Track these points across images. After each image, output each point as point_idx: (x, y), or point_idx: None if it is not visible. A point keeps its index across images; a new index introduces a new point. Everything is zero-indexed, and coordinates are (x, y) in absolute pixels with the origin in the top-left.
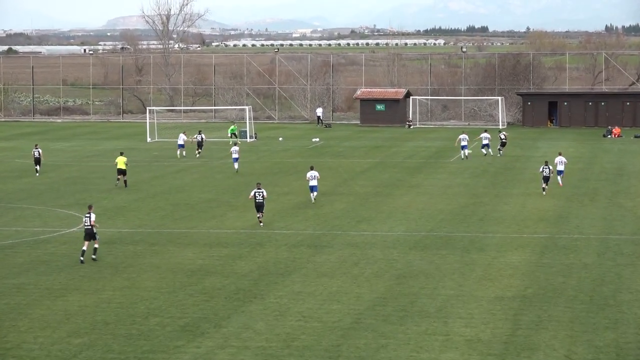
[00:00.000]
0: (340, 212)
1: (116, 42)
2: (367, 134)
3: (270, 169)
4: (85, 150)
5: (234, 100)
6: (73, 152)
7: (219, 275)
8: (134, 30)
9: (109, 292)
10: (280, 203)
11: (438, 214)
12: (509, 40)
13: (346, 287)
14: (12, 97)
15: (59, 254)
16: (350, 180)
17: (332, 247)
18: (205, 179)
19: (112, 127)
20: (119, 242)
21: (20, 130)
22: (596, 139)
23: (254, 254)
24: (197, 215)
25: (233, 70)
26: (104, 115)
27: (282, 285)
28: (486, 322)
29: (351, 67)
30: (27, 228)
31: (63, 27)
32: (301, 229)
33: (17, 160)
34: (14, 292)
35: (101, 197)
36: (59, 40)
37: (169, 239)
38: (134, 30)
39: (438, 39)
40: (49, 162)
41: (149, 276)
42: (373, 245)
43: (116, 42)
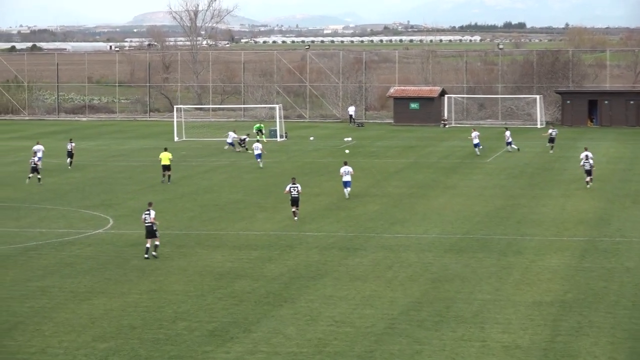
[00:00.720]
0: (373, 213)
1: (143, 39)
2: (400, 134)
3: (301, 169)
4: (111, 150)
5: (264, 99)
6: (98, 151)
7: (249, 278)
8: (161, 26)
9: (135, 295)
10: (312, 204)
11: (474, 216)
12: (547, 37)
13: (380, 291)
14: (37, 95)
15: (84, 256)
16: (383, 181)
17: (365, 250)
18: (234, 180)
19: (138, 126)
20: (145, 245)
21: (44, 129)
22: (638, 139)
23: (284, 257)
24: (226, 217)
25: (263, 68)
26: (130, 113)
27: (314, 289)
28: (524, 328)
29: (384, 65)
30: (51, 229)
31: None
32: (333, 231)
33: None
34: (38, 295)
35: (127, 198)
36: (84, 37)
37: (197, 241)
38: (161, 26)
39: (474, 35)
40: (74, 162)
41: (177, 279)
42: (407, 248)
43: (143, 39)
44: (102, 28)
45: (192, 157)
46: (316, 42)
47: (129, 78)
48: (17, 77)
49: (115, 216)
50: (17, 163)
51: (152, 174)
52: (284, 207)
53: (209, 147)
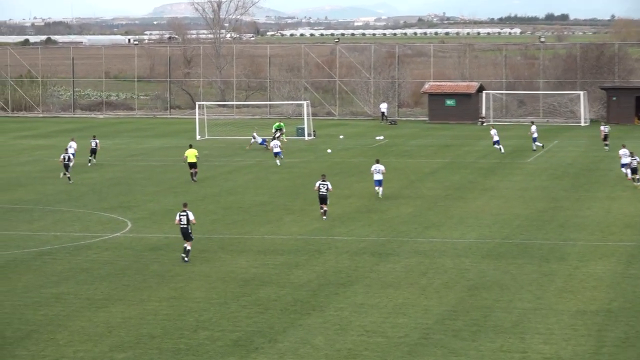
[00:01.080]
0: (406, 216)
1: (163, 32)
2: (435, 132)
3: (330, 170)
4: (130, 149)
5: (291, 95)
6: (116, 150)
7: (275, 285)
8: (182, 18)
9: (154, 302)
10: (341, 207)
11: (514, 220)
12: (591, 29)
13: (413, 299)
14: (51, 91)
15: (101, 261)
16: (417, 182)
17: (397, 255)
18: (260, 180)
19: (158, 123)
20: (165, 249)
21: (59, 127)
22: None
23: (312, 262)
24: (251, 220)
25: (290, 62)
26: (150, 110)
27: (343, 296)
28: (567, 338)
29: (418, 59)
30: (66, 233)
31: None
32: (364, 235)
33: (57, 159)
34: (53, 302)
35: (147, 199)
36: (102, 30)
37: (220, 245)
38: (182, 18)
39: (514, 27)
40: (96, 161)
41: (198, 286)
42: (443, 253)
43: (163, 32)
44: (120, 20)
45: (215, 156)
46: (346, 35)
47: (149, 73)
48: (31, 72)
49: (133, 219)
50: (30, 163)
51: (172, 174)
52: (312, 209)
53: (233, 146)
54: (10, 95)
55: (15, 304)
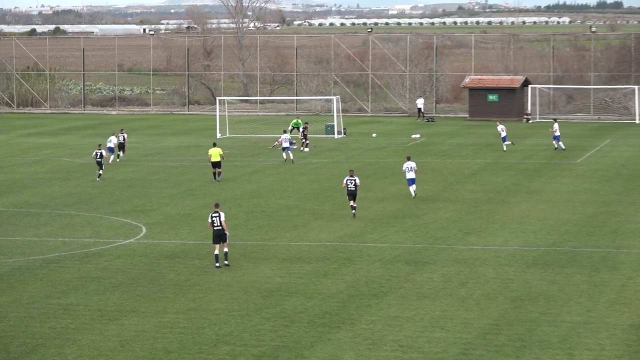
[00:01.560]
0: (444, 221)
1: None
2: (476, 130)
3: (361, 171)
4: (145, 148)
5: (319, 90)
6: (130, 149)
7: (301, 296)
8: (202, 6)
9: (171, 315)
10: (374, 211)
11: (562, 225)
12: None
13: (452, 311)
14: (60, 85)
15: (113, 270)
16: (456, 184)
17: (435, 264)
18: (285, 182)
19: (175, 120)
20: (183, 256)
21: (68, 124)
22: None
23: (342, 271)
24: (276, 225)
25: (318, 54)
26: (167, 106)
27: (376, 308)
28: (619, 355)
29: (458, 50)
30: (76, 239)
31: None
32: (398, 241)
33: (65, 159)
34: (61, 314)
35: (163, 203)
36: (115, 19)
37: (242, 252)
38: (202, 6)
39: (562, 16)
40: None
41: (218, 296)
42: (484, 262)
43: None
44: (134, 8)
45: (236, 156)
46: (380, 25)
47: (165, 66)
48: (38, 65)
49: (148, 224)
50: (37, 163)
51: (191, 175)
52: (342, 214)
53: (257, 145)
54: (15, 89)
55: (20, 315)
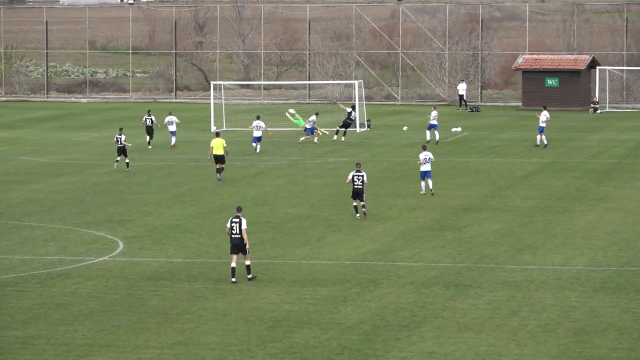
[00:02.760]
0: (492, 235)
1: None
2: (532, 122)
3: (389, 173)
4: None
5: (337, 72)
6: (104, 146)
7: (315, 326)
8: None
9: (154, 350)
10: (404, 222)
11: (637, 241)
12: None
13: (501, 345)
14: (17, 67)
15: (83, 295)
16: (507, 189)
17: (480, 287)
18: (295, 187)
19: (160, 109)
20: (169, 278)
21: (28, 115)
22: None
23: (365, 297)
24: (283, 239)
25: (336, 28)
26: (149, 92)
27: (407, 342)
28: None
29: (509, 24)
30: (37, 256)
31: None
32: (435, 260)
33: (24, 157)
34: (18, 349)
35: (144, 212)
36: None
37: (241, 273)
38: None
39: None
40: (68, 161)
41: (213, 327)
42: (540, 285)
43: None
44: None
45: (235, 154)
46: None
47: (148, 43)
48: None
49: (126, 237)
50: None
51: (179, 177)
52: (366, 225)
53: (262, 141)
54: None
55: None
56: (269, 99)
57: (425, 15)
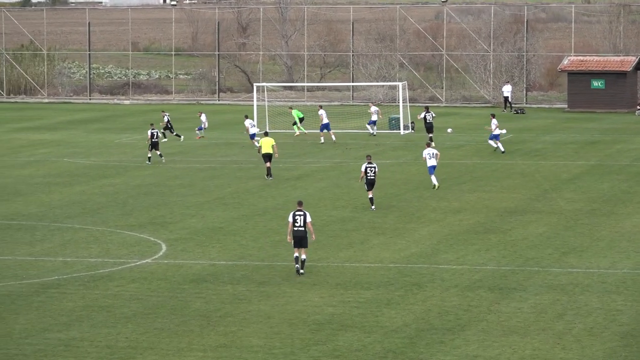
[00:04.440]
0: (537, 238)
1: None
2: (577, 124)
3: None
4: (164, 146)
5: (381, 74)
6: (146, 148)
7: (358, 330)
8: None
9: (197, 353)
10: (448, 225)
11: None
12: None
13: (546, 349)
14: (60, 69)
15: (126, 297)
16: (552, 191)
17: (525, 291)
18: (339, 189)
19: (202, 111)
20: (212, 281)
21: (70, 116)
22: None
23: (409, 300)
24: (327, 242)
25: (380, 30)
26: (192, 94)
27: (451, 346)
28: None
29: (555, 25)
30: (79, 258)
31: None
32: (479, 263)
33: (67, 159)
34: (61, 351)
35: (187, 214)
36: None
37: (284, 276)
38: None
39: None
40: (111, 163)
41: (256, 330)
42: (586, 289)
43: None
44: None
45: (279, 156)
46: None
47: (191, 44)
48: (34, 43)
49: (169, 240)
50: (32, 164)
51: (222, 180)
52: (408, 228)
53: (304, 143)
54: (5, 73)
55: (12, 353)
56: (312, 101)
57: (470, 17)
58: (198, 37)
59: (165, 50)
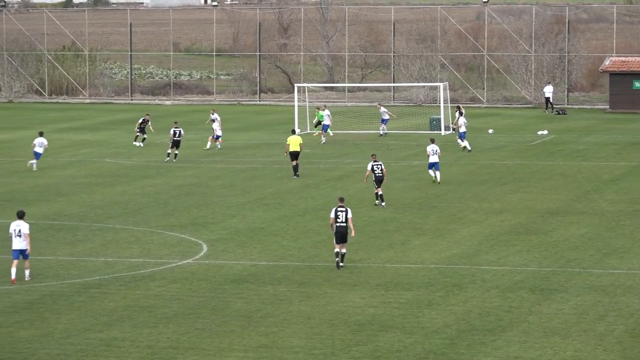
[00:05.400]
0: (578, 239)
1: None
2: (619, 124)
3: (474, 176)
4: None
5: (422, 75)
6: (187, 148)
7: (399, 330)
8: None
9: (238, 353)
10: (490, 226)
11: None
12: None
13: (587, 351)
14: (102, 69)
15: (167, 297)
16: (594, 192)
17: (566, 292)
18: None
19: (244, 112)
20: (252, 281)
21: (112, 117)
22: None
23: (450, 300)
24: (367, 243)
25: (421, 30)
26: (233, 94)
27: (492, 347)
28: None
29: (596, 26)
30: (121, 258)
31: None
32: (520, 264)
33: (108, 160)
34: (102, 351)
35: (228, 214)
36: None
37: (325, 276)
38: None
39: None
40: (152, 163)
41: (297, 331)
42: (628, 290)
43: None
44: None
45: (319, 156)
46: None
47: (232, 45)
48: (75, 44)
49: (210, 240)
50: (74, 164)
51: (263, 180)
52: (450, 229)
53: (345, 143)
54: (47, 74)
55: (53, 353)
56: (353, 102)
57: (511, 17)
58: (239, 37)
59: (207, 51)
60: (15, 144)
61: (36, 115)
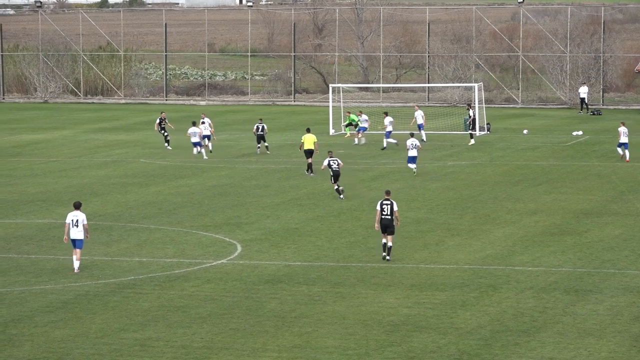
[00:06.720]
0: (613, 240)
1: None
2: None
3: (508, 177)
4: (241, 146)
5: (457, 75)
6: (222, 148)
7: (433, 331)
8: None
9: (272, 353)
10: (524, 226)
11: None
12: None
13: (622, 352)
14: (137, 70)
15: (201, 297)
16: (629, 193)
17: (601, 293)
18: (414, 190)
19: (278, 112)
20: (287, 281)
21: (147, 117)
22: None
23: (484, 301)
24: (402, 243)
25: (456, 31)
26: (268, 95)
27: (526, 347)
28: None
29: (632, 26)
30: (155, 258)
31: None
32: (555, 265)
33: (143, 160)
34: (136, 351)
35: (262, 215)
36: None
37: (359, 277)
38: None
39: None
40: (187, 163)
41: (331, 331)
42: None
43: None
44: None
45: (354, 157)
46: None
47: (267, 45)
48: (110, 44)
49: (244, 240)
50: (109, 164)
51: (297, 180)
52: (484, 229)
53: (379, 144)
54: (82, 74)
55: (88, 352)
56: (387, 102)
57: (546, 17)
58: (274, 38)
59: (241, 51)
60: (51, 144)
61: (71, 115)
